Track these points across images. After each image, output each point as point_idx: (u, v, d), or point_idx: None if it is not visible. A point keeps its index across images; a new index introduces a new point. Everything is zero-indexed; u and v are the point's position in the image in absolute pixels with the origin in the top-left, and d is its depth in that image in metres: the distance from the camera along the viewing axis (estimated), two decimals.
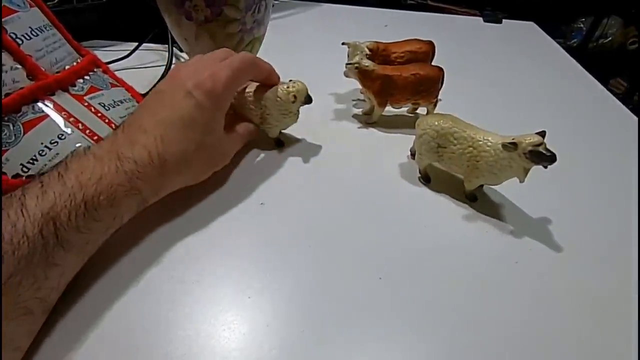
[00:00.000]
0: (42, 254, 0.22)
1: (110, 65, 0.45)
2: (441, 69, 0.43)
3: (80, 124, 0.36)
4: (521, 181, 0.32)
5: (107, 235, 0.27)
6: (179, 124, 0.30)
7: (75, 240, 0.24)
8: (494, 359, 0.25)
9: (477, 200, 0.36)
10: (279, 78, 0.38)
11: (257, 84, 0.38)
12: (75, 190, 0.24)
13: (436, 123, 0.34)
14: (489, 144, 0.32)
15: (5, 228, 0.22)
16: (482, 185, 0.36)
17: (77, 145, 0.35)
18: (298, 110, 0.39)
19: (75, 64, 0.39)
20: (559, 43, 0.79)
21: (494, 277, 0.30)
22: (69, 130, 0.35)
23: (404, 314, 0.27)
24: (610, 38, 1.77)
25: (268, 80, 0.37)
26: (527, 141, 0.30)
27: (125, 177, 0.26)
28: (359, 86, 0.44)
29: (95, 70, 0.41)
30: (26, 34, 0.35)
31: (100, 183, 0.25)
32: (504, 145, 0.30)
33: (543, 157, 0.29)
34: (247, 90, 0.38)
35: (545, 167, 0.30)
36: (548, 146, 0.30)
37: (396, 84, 0.42)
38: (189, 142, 0.30)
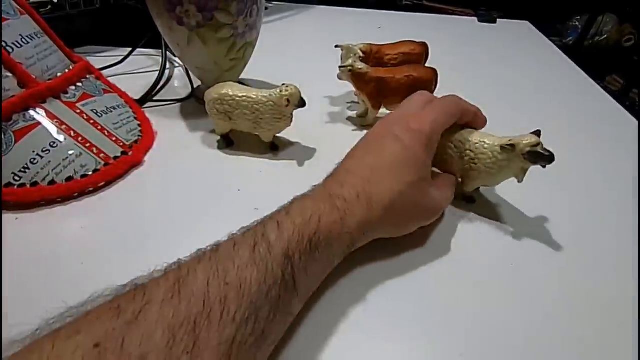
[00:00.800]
0: (283, 302, 0.22)
1: (103, 71, 0.45)
2: (434, 70, 0.43)
3: (72, 132, 0.36)
4: (520, 181, 0.32)
5: (318, 283, 0.26)
6: (386, 166, 0.29)
7: (302, 283, 0.23)
8: None
9: (475, 202, 0.35)
10: (485, 121, 0.35)
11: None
12: (302, 229, 0.24)
13: None
14: (486, 146, 0.32)
15: (255, 266, 0.21)
16: (479, 187, 0.36)
17: (70, 152, 0.35)
18: (292, 114, 0.38)
19: (67, 71, 0.39)
20: (554, 41, 0.79)
21: (489, 278, 0.29)
22: (61, 138, 0.35)
23: (398, 316, 0.27)
24: (605, 35, 1.77)
25: (473, 122, 0.34)
26: (524, 142, 0.30)
27: (338, 215, 0.26)
28: (353, 89, 0.44)
29: (87, 76, 0.41)
30: (17, 41, 0.35)
31: (320, 222, 0.25)
32: (502, 148, 0.30)
33: (542, 157, 0.29)
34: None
35: (544, 166, 0.30)
36: (544, 145, 0.30)
37: (390, 86, 0.41)
38: (396, 183, 0.28)
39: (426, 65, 0.48)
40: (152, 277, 0.21)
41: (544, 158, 0.29)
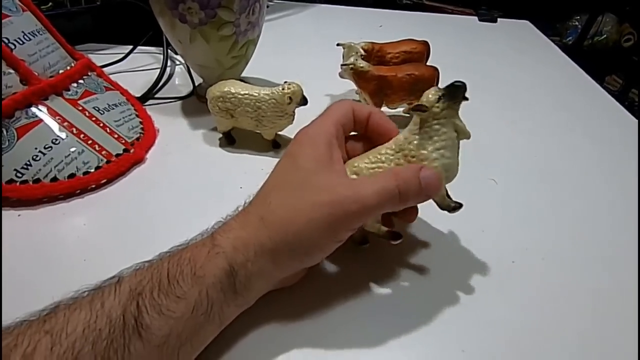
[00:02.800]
0: (118, 344, 0.19)
1: (104, 69, 0.45)
2: (436, 69, 0.43)
3: (74, 129, 0.36)
4: (468, 136, 0.27)
5: (189, 328, 0.20)
6: (270, 181, 0.26)
7: (155, 326, 0.19)
8: (490, 358, 0.25)
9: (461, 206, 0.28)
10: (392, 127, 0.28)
11: None
12: (163, 259, 0.22)
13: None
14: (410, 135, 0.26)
15: (94, 305, 0.19)
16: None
17: (72, 150, 0.35)
18: (294, 112, 0.38)
19: (69, 68, 0.39)
20: (554, 41, 0.79)
21: (490, 276, 0.30)
22: (63, 135, 0.35)
23: (398, 315, 0.27)
24: (605, 35, 1.77)
25: (376, 128, 0.28)
26: (429, 92, 0.25)
27: (210, 241, 0.23)
28: (355, 87, 0.44)
29: (89, 74, 0.41)
30: (19, 38, 0.35)
31: (185, 249, 0.23)
32: (413, 109, 0.25)
33: (457, 87, 0.25)
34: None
35: (466, 97, 0.26)
36: (543, 146, 0.30)
37: (391, 84, 0.41)
38: (275, 188, 0.25)
39: (427, 64, 0.48)
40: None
41: (460, 86, 0.25)
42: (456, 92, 0.25)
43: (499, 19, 0.86)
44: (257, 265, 0.23)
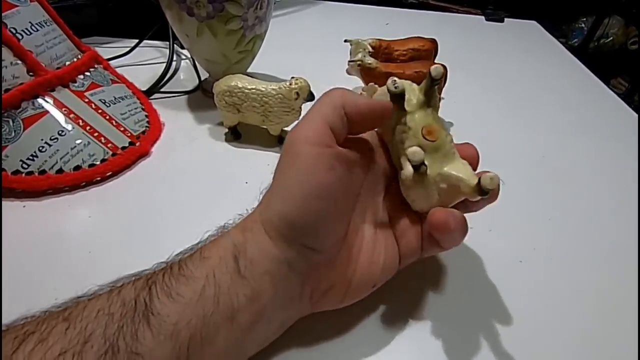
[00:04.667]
0: (128, 329, 0.19)
1: (110, 62, 0.45)
2: (444, 67, 0.42)
3: (80, 121, 0.36)
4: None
5: (197, 316, 0.20)
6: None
7: (164, 312, 0.19)
8: (496, 358, 0.25)
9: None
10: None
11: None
12: (179, 255, 0.23)
13: None
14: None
15: (112, 293, 0.20)
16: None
17: (78, 141, 0.35)
18: (300, 108, 0.38)
19: (75, 60, 0.39)
20: (560, 42, 0.79)
21: (498, 276, 0.29)
22: (69, 127, 0.35)
23: (403, 315, 0.26)
24: (611, 38, 1.77)
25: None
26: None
27: (221, 230, 0.24)
28: (362, 84, 0.44)
29: (95, 66, 0.41)
30: (26, 29, 0.35)
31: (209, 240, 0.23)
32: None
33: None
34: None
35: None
36: (551, 146, 0.29)
37: None
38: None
39: (435, 61, 0.47)
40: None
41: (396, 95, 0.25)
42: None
43: (505, 19, 0.85)
44: (254, 241, 0.22)
